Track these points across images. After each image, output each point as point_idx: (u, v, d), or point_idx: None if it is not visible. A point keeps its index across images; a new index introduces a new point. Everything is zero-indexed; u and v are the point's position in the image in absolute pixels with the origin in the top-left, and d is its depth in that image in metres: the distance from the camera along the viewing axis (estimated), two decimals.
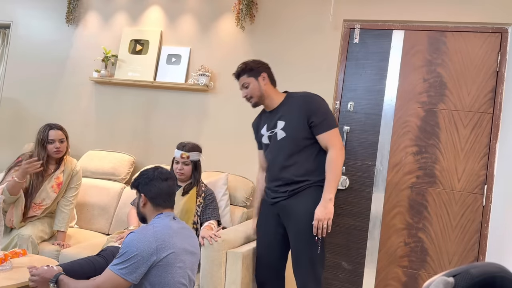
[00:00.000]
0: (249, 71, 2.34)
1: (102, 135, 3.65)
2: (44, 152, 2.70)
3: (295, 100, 2.31)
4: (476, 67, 2.82)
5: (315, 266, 2.18)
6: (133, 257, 1.69)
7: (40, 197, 2.71)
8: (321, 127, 2.22)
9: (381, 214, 2.92)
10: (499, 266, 0.79)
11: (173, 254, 1.76)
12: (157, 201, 1.88)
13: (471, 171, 2.78)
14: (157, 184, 1.88)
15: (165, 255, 1.73)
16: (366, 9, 3.03)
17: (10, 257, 2.15)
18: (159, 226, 1.80)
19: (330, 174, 2.17)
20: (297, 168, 2.24)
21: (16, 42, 4.01)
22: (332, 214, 2.12)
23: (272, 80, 2.39)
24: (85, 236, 2.96)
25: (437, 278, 0.79)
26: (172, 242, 1.77)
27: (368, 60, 3.04)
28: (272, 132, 2.33)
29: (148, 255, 1.70)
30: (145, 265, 1.70)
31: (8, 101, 3.99)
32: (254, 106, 2.40)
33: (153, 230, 1.76)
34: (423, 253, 2.82)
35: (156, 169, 1.92)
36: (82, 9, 3.84)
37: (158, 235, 1.75)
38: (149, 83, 3.46)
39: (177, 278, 1.77)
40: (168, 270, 1.74)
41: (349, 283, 2.96)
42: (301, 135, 2.24)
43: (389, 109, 2.96)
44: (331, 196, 2.14)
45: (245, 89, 2.36)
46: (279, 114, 2.33)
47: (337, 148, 2.19)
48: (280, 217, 2.30)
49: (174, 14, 3.55)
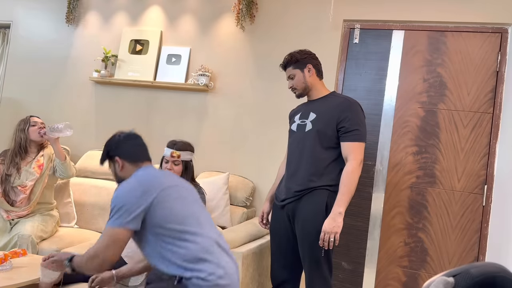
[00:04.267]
0: (295, 63, 2.30)
1: (102, 135, 3.65)
2: (24, 135, 2.82)
3: (336, 99, 2.26)
4: (476, 67, 2.82)
5: (320, 268, 2.15)
6: (122, 207, 1.60)
7: (23, 179, 2.78)
8: (350, 136, 2.16)
9: (381, 214, 2.92)
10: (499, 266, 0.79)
11: (163, 191, 1.66)
12: (133, 158, 1.80)
13: (471, 171, 2.78)
14: (127, 142, 1.81)
15: (154, 195, 1.63)
16: (366, 9, 3.03)
17: (10, 257, 2.15)
18: (142, 174, 1.71)
19: (344, 187, 2.11)
20: (312, 165, 2.20)
21: (16, 42, 4.01)
22: (340, 228, 2.06)
23: (318, 72, 2.33)
24: (85, 236, 2.96)
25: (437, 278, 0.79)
26: (159, 181, 1.68)
27: (368, 60, 3.04)
28: (303, 122, 2.29)
29: (136, 201, 1.61)
30: (138, 210, 1.60)
31: (8, 101, 3.99)
32: (298, 97, 2.36)
33: (135, 178, 1.68)
34: (423, 253, 2.82)
35: (119, 133, 1.84)
36: (82, 9, 3.83)
37: (142, 181, 1.66)
38: (149, 83, 3.46)
39: (180, 208, 1.66)
40: (166, 206, 1.64)
41: (349, 283, 2.96)
42: (326, 134, 2.19)
43: (389, 109, 2.96)
44: (341, 210, 2.07)
45: (290, 80, 2.33)
46: (315, 106, 2.29)
47: (356, 163, 2.13)
48: (289, 219, 2.27)
49: (174, 14, 3.55)
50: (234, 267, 1.70)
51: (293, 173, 2.26)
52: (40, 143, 2.90)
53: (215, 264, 1.62)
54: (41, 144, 2.91)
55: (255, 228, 2.68)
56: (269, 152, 3.18)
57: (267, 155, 3.18)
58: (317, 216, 2.15)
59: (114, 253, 1.60)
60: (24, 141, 2.81)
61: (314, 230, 2.14)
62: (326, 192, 2.18)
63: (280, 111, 3.18)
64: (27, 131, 2.83)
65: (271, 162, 3.17)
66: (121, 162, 1.79)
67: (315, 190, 2.18)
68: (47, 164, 2.88)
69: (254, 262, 2.46)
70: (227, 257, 1.68)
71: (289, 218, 2.27)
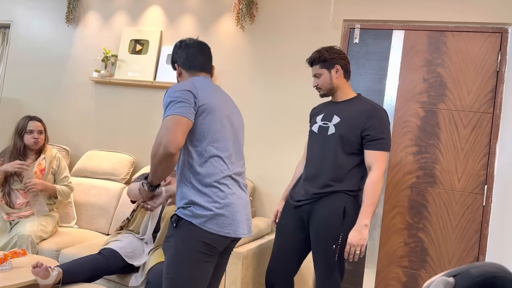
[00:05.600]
0: (323, 62, 2.19)
1: (102, 135, 3.65)
2: (21, 141, 2.82)
3: (362, 104, 2.17)
4: (476, 67, 2.82)
5: (332, 272, 2.10)
6: (178, 98, 1.60)
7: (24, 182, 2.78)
8: (375, 145, 2.09)
9: (381, 214, 2.92)
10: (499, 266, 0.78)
11: (211, 104, 1.67)
12: (189, 65, 1.81)
13: (471, 171, 2.78)
14: (185, 50, 1.82)
15: (202, 101, 1.64)
16: (366, 9, 3.03)
17: (10, 257, 2.15)
18: (198, 80, 1.72)
19: (368, 198, 2.05)
20: (333, 171, 2.14)
21: (16, 42, 4.01)
22: (366, 241, 2.01)
23: (346, 72, 2.23)
24: (85, 236, 2.96)
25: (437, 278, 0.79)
26: (208, 94, 1.68)
27: (368, 60, 3.04)
28: (325, 124, 2.21)
29: (191, 94, 1.62)
30: (192, 103, 1.61)
31: (8, 101, 3.99)
32: (322, 96, 2.28)
33: (191, 80, 1.70)
34: (423, 253, 2.82)
35: (182, 40, 1.86)
36: (82, 9, 3.84)
37: (196, 84, 1.68)
38: (149, 83, 3.46)
39: (218, 129, 1.67)
40: (208, 118, 1.65)
41: (349, 283, 2.95)
42: (349, 139, 2.12)
43: (389, 109, 2.96)
44: (367, 222, 2.02)
45: (316, 78, 2.24)
46: (339, 108, 2.21)
47: (380, 172, 2.07)
48: (304, 221, 2.21)
49: (174, 14, 3.55)
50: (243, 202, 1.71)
51: (313, 176, 2.19)
52: (39, 149, 2.89)
53: (223, 194, 1.63)
54: (40, 148, 2.90)
55: (255, 228, 2.68)
56: (269, 152, 3.18)
57: (267, 155, 3.18)
58: (333, 219, 2.09)
59: (177, 134, 1.54)
60: (20, 147, 2.81)
61: (328, 233, 2.09)
62: (345, 196, 2.11)
63: (280, 111, 3.18)
64: (23, 136, 2.82)
65: (271, 162, 3.17)
66: (178, 69, 1.83)
67: (333, 194, 2.13)
68: (48, 167, 2.87)
69: (254, 262, 2.46)
70: (239, 190, 1.70)
71: (304, 220, 2.21)
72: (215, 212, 1.59)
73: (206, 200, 1.60)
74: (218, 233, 1.59)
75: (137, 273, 2.34)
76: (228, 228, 1.61)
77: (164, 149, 1.51)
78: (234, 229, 1.63)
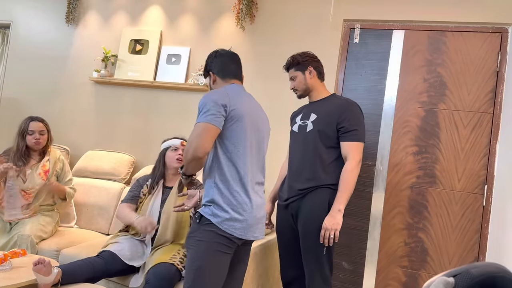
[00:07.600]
0: (296, 65, 2.37)
1: (102, 135, 3.65)
2: (23, 142, 2.80)
3: (336, 100, 2.31)
4: (476, 67, 2.82)
5: (321, 266, 2.18)
6: (211, 106, 1.77)
7: (29, 185, 2.77)
8: (349, 136, 2.21)
9: (381, 214, 2.92)
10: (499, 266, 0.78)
11: (235, 110, 1.82)
12: (223, 73, 1.97)
13: (471, 171, 2.78)
14: (220, 59, 1.99)
15: (232, 109, 1.81)
16: (366, 9, 3.03)
17: (10, 257, 2.15)
18: (230, 88, 1.89)
19: (343, 185, 2.16)
20: (314, 164, 2.24)
21: (16, 42, 4.01)
22: (339, 225, 2.11)
23: (320, 74, 2.40)
24: (85, 236, 2.96)
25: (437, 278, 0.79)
26: (238, 102, 1.84)
27: (368, 60, 3.04)
28: (304, 122, 2.35)
29: (223, 104, 1.78)
30: (223, 111, 1.78)
31: (8, 101, 3.99)
32: (299, 97, 2.44)
33: (224, 88, 1.87)
34: (423, 253, 2.82)
35: (217, 50, 2.02)
36: (82, 9, 3.83)
37: (229, 92, 1.84)
38: (149, 83, 3.46)
39: (246, 136, 1.83)
40: (237, 125, 1.81)
41: (349, 283, 2.95)
42: (327, 134, 2.24)
43: (389, 109, 2.96)
44: (341, 207, 2.13)
45: (292, 81, 2.40)
46: (316, 107, 2.35)
47: (355, 162, 2.18)
48: (293, 218, 2.31)
49: (174, 14, 3.55)
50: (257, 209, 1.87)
51: (296, 172, 2.30)
52: (42, 150, 2.89)
53: (242, 199, 1.80)
54: (43, 149, 2.89)
55: None
56: (269, 152, 3.18)
57: (267, 155, 3.18)
58: (319, 214, 2.18)
59: (205, 141, 1.74)
60: (22, 148, 2.80)
61: (315, 228, 2.17)
62: (328, 190, 2.22)
63: (280, 111, 3.18)
64: (25, 137, 2.81)
65: (271, 162, 3.16)
66: (213, 76, 1.99)
67: (318, 189, 2.22)
68: (53, 169, 2.87)
69: (254, 262, 2.46)
70: (257, 198, 1.87)
71: (293, 216, 2.30)
72: (231, 215, 1.77)
73: (225, 202, 1.78)
74: (232, 234, 1.77)
75: (137, 274, 2.33)
76: (241, 231, 1.79)
77: (192, 153, 1.73)
78: (246, 232, 1.81)
